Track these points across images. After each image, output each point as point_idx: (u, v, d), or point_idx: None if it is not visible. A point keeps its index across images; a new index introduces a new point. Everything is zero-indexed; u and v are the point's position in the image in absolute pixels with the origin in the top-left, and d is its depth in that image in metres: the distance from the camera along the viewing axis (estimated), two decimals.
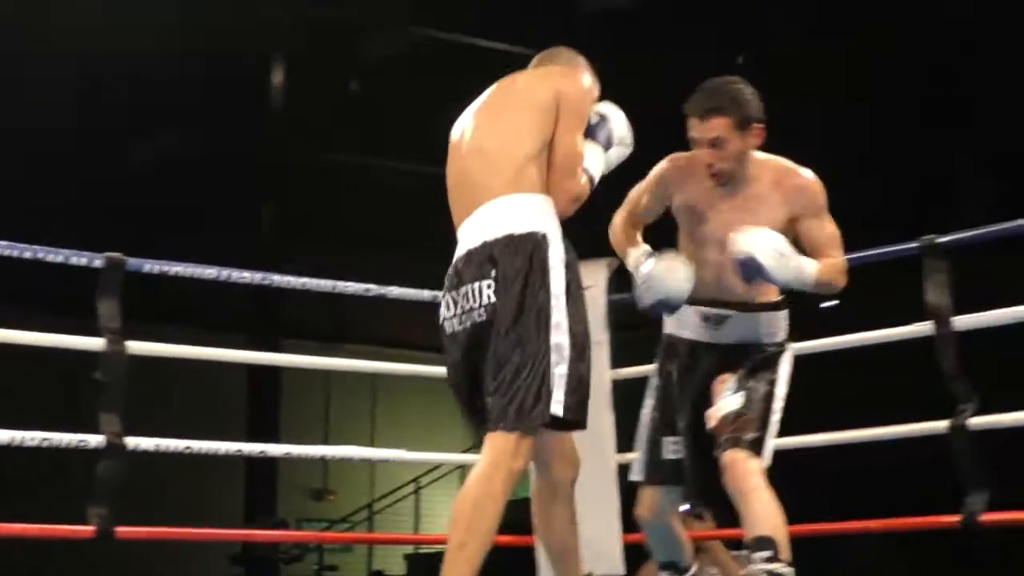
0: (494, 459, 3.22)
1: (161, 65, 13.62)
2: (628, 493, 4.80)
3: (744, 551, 3.49)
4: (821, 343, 4.56)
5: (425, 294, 4.95)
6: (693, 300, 3.62)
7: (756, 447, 3.45)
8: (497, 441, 3.24)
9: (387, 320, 18.99)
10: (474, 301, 3.34)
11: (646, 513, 3.77)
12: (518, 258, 3.28)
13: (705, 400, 3.60)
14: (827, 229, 3.61)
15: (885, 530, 5.15)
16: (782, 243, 3.44)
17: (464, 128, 3.57)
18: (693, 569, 3.85)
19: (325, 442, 18.39)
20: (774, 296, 3.67)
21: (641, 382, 3.97)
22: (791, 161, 3.69)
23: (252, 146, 15.36)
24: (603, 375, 4.83)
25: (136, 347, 4.31)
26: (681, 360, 3.72)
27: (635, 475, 3.75)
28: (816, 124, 12.86)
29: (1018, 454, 6.42)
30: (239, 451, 4.84)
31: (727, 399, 3.52)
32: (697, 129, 3.60)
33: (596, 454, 4.78)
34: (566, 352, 3.26)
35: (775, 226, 3.54)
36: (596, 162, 3.46)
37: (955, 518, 3.93)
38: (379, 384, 19.23)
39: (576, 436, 4.85)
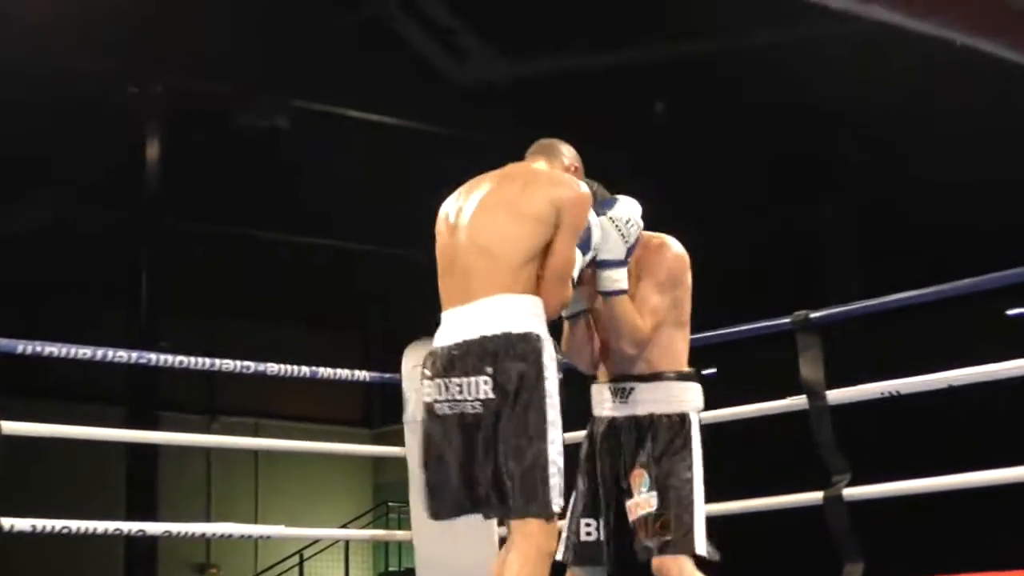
0: (525, 546, 3.36)
1: (34, 137, 13.49)
2: None
3: None
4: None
5: (304, 370, 4.94)
6: (603, 377, 3.72)
7: (682, 545, 3.51)
8: (525, 528, 3.37)
9: (265, 392, 18.90)
10: (468, 393, 3.43)
11: None
12: (517, 357, 3.39)
13: (625, 485, 3.64)
14: (651, 296, 3.65)
15: None
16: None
17: (459, 217, 3.64)
18: None
19: (207, 514, 18.16)
20: (680, 367, 3.71)
21: None
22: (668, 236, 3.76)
23: (128, 217, 15.23)
24: None
25: (10, 427, 4.24)
26: (600, 438, 3.75)
27: (560, 555, 3.73)
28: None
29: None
30: (117, 530, 4.77)
31: (643, 496, 3.58)
32: None
33: (479, 527, 4.79)
34: (559, 447, 3.39)
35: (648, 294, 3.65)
36: (578, 267, 3.57)
37: None
38: (261, 454, 19.05)
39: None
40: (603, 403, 3.74)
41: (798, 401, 4.20)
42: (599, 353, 3.75)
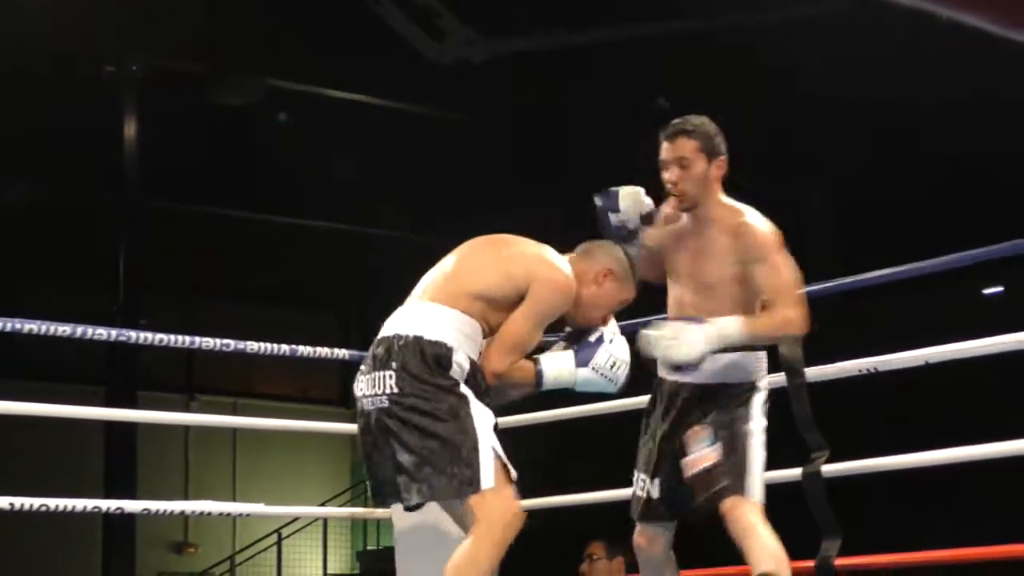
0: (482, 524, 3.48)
1: (9, 116, 13.42)
2: None
3: None
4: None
5: (283, 348, 4.94)
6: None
7: (740, 490, 3.57)
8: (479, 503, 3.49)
9: (244, 371, 18.90)
10: (378, 387, 3.54)
11: (638, 540, 3.88)
12: (420, 355, 3.52)
13: (679, 444, 3.72)
14: (771, 278, 3.67)
15: None
16: (669, 330, 3.59)
17: (456, 249, 3.87)
18: None
19: (185, 493, 18.15)
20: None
21: (505, 430, 4.01)
22: (752, 208, 3.81)
23: (106, 197, 15.18)
24: None
25: None
26: (664, 401, 3.83)
27: (631, 512, 3.88)
28: None
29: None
30: (96, 508, 4.77)
31: (703, 451, 3.64)
32: (666, 151, 3.79)
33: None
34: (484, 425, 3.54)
35: (724, 273, 3.72)
36: (555, 365, 3.68)
37: (809, 563, 4.00)
38: (240, 433, 19.05)
39: None
40: (668, 367, 3.79)
41: (776, 378, 4.22)
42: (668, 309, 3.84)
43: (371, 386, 3.57)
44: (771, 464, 3.77)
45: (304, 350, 4.99)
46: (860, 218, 13.96)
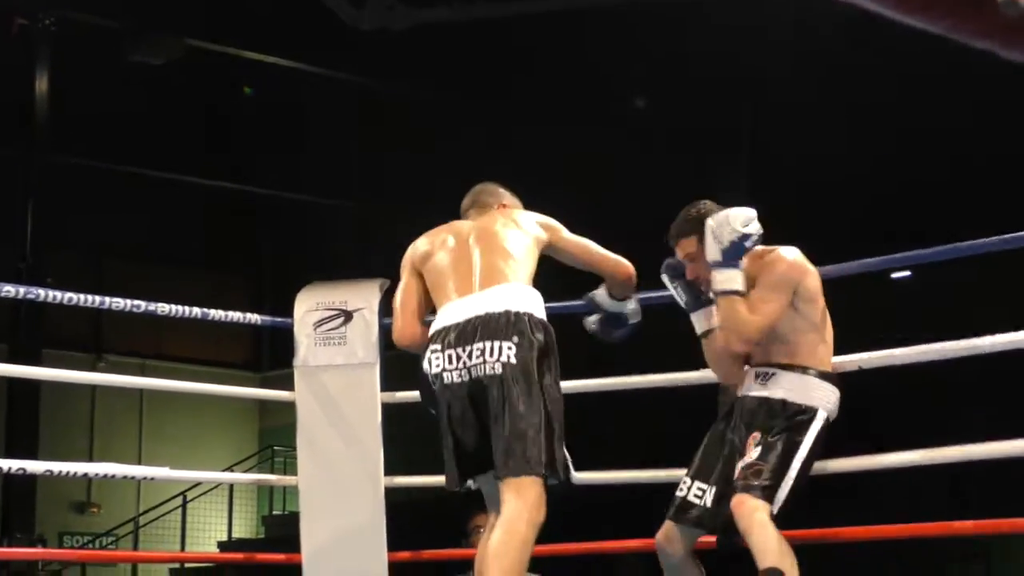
0: (520, 507, 3.54)
1: None
2: (396, 515, 4.84)
3: None
4: (607, 382, 4.74)
5: (195, 311, 4.90)
6: (751, 364, 3.99)
7: (764, 492, 3.72)
8: (524, 487, 3.56)
9: (153, 333, 18.73)
10: (488, 356, 3.66)
11: (660, 539, 3.97)
12: (538, 330, 3.70)
13: (741, 453, 3.87)
14: (761, 303, 3.87)
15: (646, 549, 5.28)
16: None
17: (458, 236, 3.97)
18: None
19: (90, 454, 17.99)
20: (822, 367, 3.93)
21: (411, 405, 4.02)
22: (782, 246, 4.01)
23: (15, 152, 14.96)
24: (374, 397, 4.86)
25: None
26: (735, 413, 3.99)
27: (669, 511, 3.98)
28: None
29: None
30: None
31: (751, 453, 3.80)
32: (677, 250, 4.03)
33: (364, 475, 4.81)
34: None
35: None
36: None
37: (711, 538, 4.05)
38: (147, 395, 18.90)
39: (344, 457, 4.88)
40: (747, 384, 3.98)
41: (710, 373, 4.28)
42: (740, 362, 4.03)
43: (474, 356, 3.68)
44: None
45: (215, 314, 4.95)
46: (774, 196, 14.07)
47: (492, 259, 3.83)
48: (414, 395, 3.92)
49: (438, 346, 3.74)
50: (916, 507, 9.95)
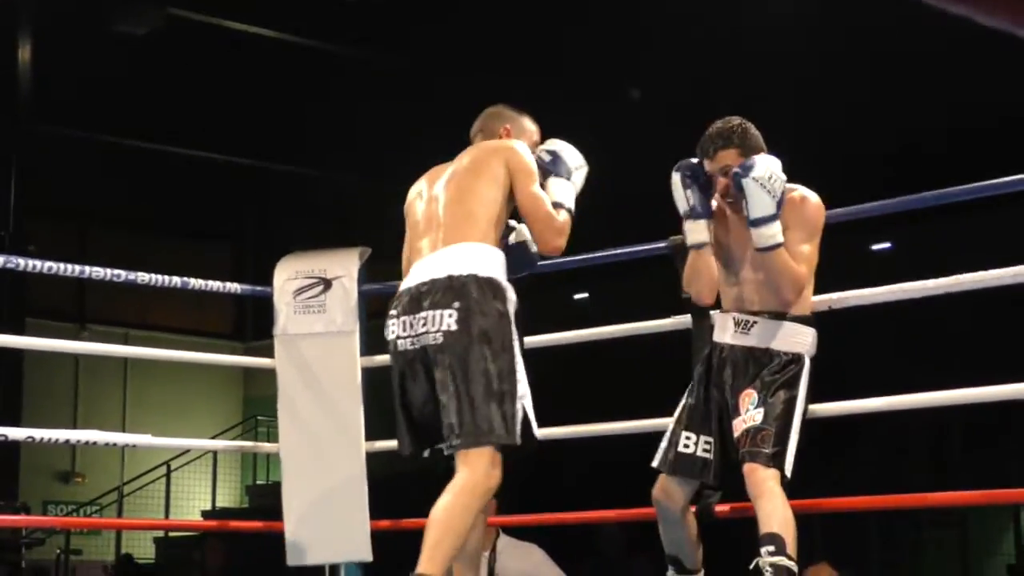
0: (468, 476, 3.50)
1: None
2: (378, 482, 4.87)
3: None
4: (580, 334, 4.76)
5: (176, 280, 4.91)
6: (728, 308, 3.98)
7: (774, 460, 3.73)
8: (472, 458, 3.52)
9: (136, 302, 18.72)
10: (431, 325, 3.59)
11: (658, 494, 3.96)
12: (483, 294, 3.60)
13: (733, 403, 3.87)
14: (800, 245, 3.87)
15: (624, 519, 5.31)
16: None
17: (432, 188, 3.89)
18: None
19: (74, 423, 17.98)
20: (803, 312, 3.92)
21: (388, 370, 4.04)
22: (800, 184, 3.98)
23: None
24: (353, 364, 4.88)
25: None
26: (717, 362, 3.97)
27: (655, 462, 3.96)
28: None
29: None
30: None
31: (750, 412, 3.80)
32: (709, 166, 3.96)
33: (345, 442, 4.84)
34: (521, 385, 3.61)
35: None
36: (568, 194, 3.88)
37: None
38: (131, 365, 18.91)
39: (325, 424, 4.90)
40: (725, 330, 3.97)
41: (682, 320, 4.30)
42: (720, 284, 4.02)
43: (419, 326, 3.62)
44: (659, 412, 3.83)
45: (196, 283, 4.96)
46: None
47: (453, 214, 3.77)
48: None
49: (394, 312, 3.72)
50: (897, 473, 10.07)
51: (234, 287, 5.25)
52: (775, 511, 3.65)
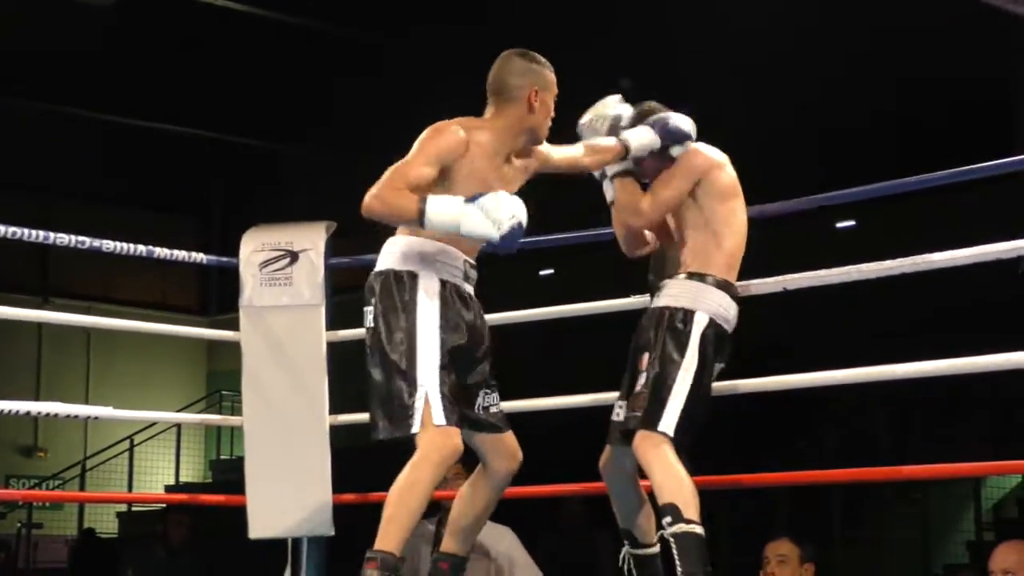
0: (419, 451, 3.58)
1: None
2: (341, 456, 4.86)
3: None
4: (547, 311, 4.78)
5: (140, 248, 4.86)
6: (654, 278, 4.04)
7: (647, 421, 3.68)
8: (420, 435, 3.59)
9: (100, 275, 18.63)
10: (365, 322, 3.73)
11: (601, 465, 3.95)
12: (390, 287, 3.69)
13: (641, 368, 3.84)
14: (659, 186, 3.96)
15: (586, 493, 5.31)
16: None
17: None
18: (652, 550, 3.94)
19: (36, 396, 17.90)
20: (704, 270, 3.88)
21: (357, 344, 4.03)
22: None
23: None
24: (319, 338, 4.87)
25: None
26: (637, 330, 3.94)
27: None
28: None
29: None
30: None
31: (640, 377, 3.78)
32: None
33: (309, 416, 4.82)
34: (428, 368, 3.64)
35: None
36: (442, 199, 3.58)
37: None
38: (95, 338, 18.83)
39: (291, 398, 4.88)
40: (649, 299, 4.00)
41: (642, 300, 4.30)
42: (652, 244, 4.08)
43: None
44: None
45: (161, 252, 4.92)
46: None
47: None
48: (360, 332, 3.92)
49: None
50: (859, 448, 10.14)
51: (200, 257, 5.22)
52: (665, 480, 3.59)
